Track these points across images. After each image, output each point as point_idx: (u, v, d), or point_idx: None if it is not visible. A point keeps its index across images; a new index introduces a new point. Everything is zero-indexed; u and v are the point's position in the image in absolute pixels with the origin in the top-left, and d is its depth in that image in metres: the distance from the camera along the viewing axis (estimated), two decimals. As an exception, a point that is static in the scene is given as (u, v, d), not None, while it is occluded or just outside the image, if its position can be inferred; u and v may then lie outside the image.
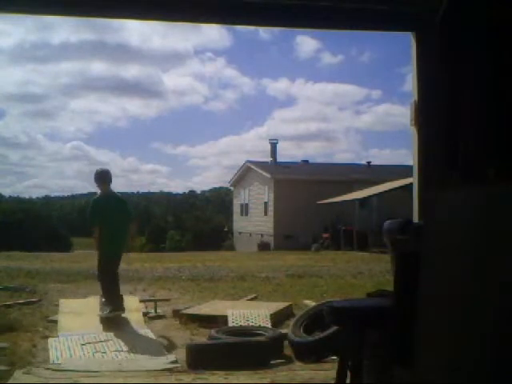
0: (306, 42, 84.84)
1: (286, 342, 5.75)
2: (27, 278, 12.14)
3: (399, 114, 77.37)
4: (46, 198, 75.29)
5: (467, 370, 1.84)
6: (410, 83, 4.40)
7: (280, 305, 8.03)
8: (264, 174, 29.51)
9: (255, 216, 31.67)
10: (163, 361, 5.44)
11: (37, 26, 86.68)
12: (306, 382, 4.63)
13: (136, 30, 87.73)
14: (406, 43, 4.22)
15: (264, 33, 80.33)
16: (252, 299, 9.29)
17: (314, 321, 5.82)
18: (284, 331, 6.07)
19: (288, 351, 5.66)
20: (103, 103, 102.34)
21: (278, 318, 7.25)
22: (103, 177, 6.99)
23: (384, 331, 2.73)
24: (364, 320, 2.97)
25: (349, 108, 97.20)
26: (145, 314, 7.73)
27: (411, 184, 4.37)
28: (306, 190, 27.07)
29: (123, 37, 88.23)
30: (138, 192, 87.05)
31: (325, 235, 26.26)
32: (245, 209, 33.88)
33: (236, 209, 36.21)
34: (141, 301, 8.34)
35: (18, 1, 3.83)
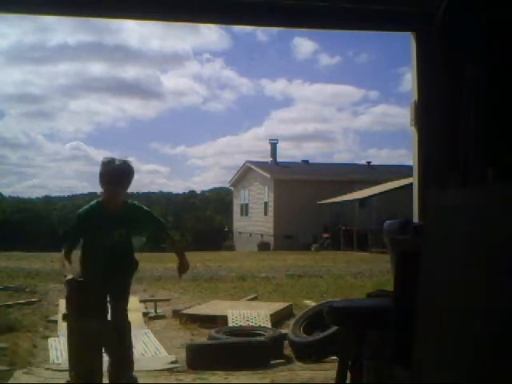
0: (304, 44, 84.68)
1: (286, 342, 5.75)
2: (27, 278, 12.15)
3: (396, 115, 76.75)
4: (46, 198, 75.07)
5: (467, 370, 1.83)
6: (406, 84, 4.42)
7: (280, 305, 8.03)
8: (264, 174, 29.50)
9: (255, 216, 31.67)
10: (163, 361, 5.44)
11: (34, 28, 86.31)
12: (305, 382, 4.62)
13: (134, 32, 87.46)
14: (403, 43, 4.22)
15: (262, 34, 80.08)
16: (252, 299, 9.28)
17: (313, 321, 5.81)
18: (284, 331, 6.06)
19: (288, 351, 5.65)
20: (102, 104, 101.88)
21: (278, 318, 7.24)
22: None
23: (384, 331, 2.73)
24: (364, 320, 2.96)
25: (347, 109, 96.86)
26: (145, 314, 7.74)
27: (411, 184, 4.36)
28: (306, 189, 27.08)
29: (122, 38, 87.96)
30: (138, 192, 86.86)
31: (325, 235, 26.27)
32: (245, 209, 33.87)
33: (236, 209, 36.19)
34: (141, 301, 8.34)
35: (16, 0, 3.82)
